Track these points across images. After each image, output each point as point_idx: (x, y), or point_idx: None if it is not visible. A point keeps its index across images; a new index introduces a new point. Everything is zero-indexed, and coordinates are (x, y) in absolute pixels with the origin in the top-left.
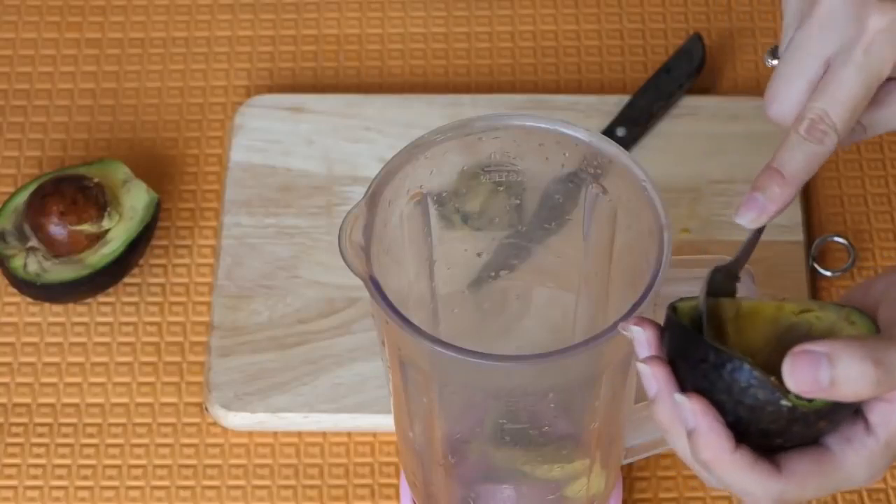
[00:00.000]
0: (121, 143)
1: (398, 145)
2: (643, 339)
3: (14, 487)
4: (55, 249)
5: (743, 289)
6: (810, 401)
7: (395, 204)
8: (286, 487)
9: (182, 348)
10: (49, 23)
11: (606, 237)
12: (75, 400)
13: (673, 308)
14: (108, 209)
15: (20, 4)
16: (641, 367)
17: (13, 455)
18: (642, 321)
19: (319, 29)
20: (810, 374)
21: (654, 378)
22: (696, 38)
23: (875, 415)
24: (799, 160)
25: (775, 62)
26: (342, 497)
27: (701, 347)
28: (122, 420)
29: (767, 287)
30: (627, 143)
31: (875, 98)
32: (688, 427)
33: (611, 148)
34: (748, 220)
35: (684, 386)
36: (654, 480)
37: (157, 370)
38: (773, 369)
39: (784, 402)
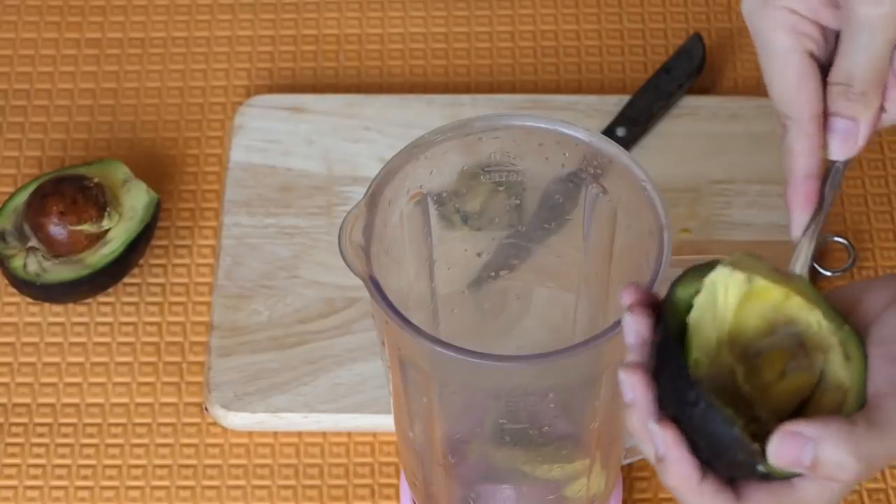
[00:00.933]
0: (121, 143)
1: (398, 145)
2: (632, 330)
3: (14, 487)
4: (55, 249)
5: None
6: None
7: (395, 204)
8: (286, 487)
9: (182, 348)
10: (49, 23)
11: (606, 237)
12: (75, 400)
13: (672, 299)
14: (108, 209)
15: (20, 4)
16: (621, 375)
17: (13, 455)
18: (637, 310)
19: (319, 29)
20: (794, 454)
21: (633, 391)
22: (696, 38)
23: None
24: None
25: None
26: (342, 497)
27: (693, 392)
28: (122, 420)
29: None
30: (627, 143)
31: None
32: (657, 454)
33: (611, 148)
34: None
35: (663, 402)
36: (654, 480)
37: (157, 370)
38: (754, 351)
39: (760, 468)
